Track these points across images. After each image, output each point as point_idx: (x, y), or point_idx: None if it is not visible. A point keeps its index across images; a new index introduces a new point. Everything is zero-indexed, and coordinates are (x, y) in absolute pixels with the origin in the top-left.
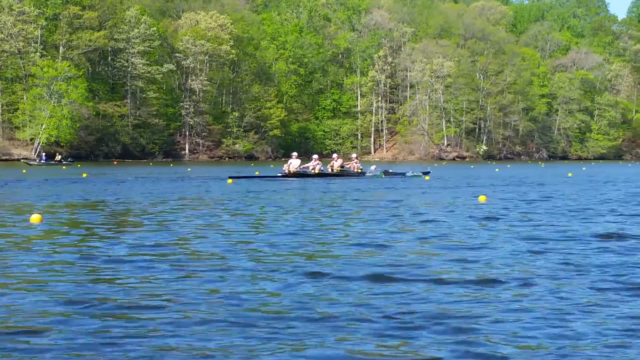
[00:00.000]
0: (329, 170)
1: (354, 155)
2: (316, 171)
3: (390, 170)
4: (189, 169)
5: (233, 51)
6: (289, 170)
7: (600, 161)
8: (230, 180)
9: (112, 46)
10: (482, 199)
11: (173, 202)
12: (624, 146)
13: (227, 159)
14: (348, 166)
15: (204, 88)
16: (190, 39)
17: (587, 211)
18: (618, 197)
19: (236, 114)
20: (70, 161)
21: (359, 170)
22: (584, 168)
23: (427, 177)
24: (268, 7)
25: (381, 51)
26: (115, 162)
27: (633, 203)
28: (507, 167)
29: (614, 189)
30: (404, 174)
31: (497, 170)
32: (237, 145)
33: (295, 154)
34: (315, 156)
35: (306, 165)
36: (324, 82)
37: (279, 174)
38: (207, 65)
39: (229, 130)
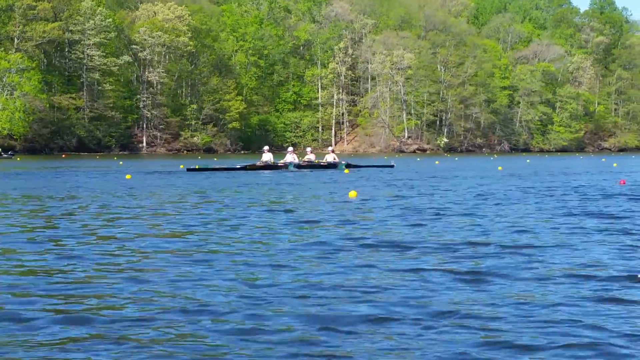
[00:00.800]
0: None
1: (330, 148)
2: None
3: (352, 164)
4: (120, 163)
5: (191, 43)
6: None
7: (559, 154)
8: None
9: (68, 38)
10: (352, 194)
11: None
12: (586, 138)
13: (185, 151)
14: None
15: (162, 80)
16: (147, 30)
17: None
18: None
19: (194, 106)
20: (10, 154)
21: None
22: (527, 161)
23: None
24: None
25: (341, 43)
26: (63, 156)
27: (489, 200)
28: (454, 160)
29: (513, 184)
30: (367, 167)
31: (436, 162)
32: (195, 138)
33: (266, 147)
34: (290, 149)
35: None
36: (285, 75)
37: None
38: (165, 57)
39: (187, 122)
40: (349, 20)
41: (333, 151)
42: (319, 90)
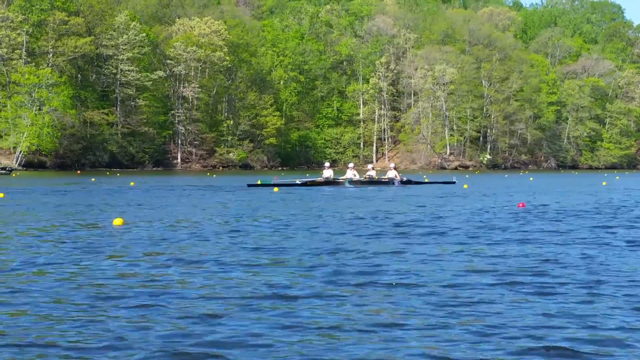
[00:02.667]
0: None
1: (392, 164)
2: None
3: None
4: (132, 183)
5: (228, 58)
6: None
7: (613, 171)
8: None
9: (101, 53)
10: (117, 222)
11: None
12: (639, 155)
13: (221, 168)
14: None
15: (197, 95)
16: (181, 45)
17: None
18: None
19: (230, 122)
20: (8, 170)
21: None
22: (527, 179)
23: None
24: (274, 13)
25: (383, 58)
26: (78, 172)
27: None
28: (468, 176)
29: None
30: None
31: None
32: (231, 154)
33: (327, 164)
34: (351, 165)
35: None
36: (326, 90)
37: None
38: (201, 72)
39: (223, 138)
40: (392, 35)
41: (396, 168)
42: (361, 105)
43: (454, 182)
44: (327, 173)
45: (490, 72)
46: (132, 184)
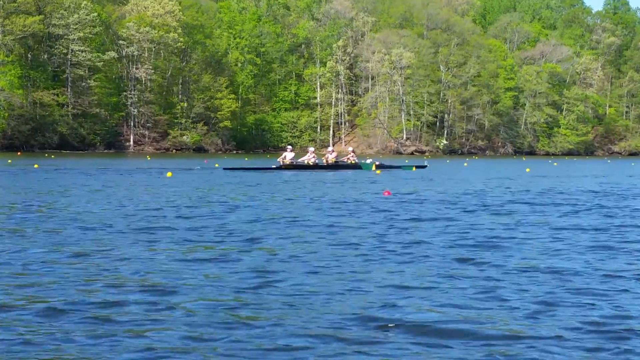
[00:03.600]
0: (324, 162)
1: (350, 148)
2: (311, 163)
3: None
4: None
5: (182, 39)
6: (283, 162)
7: (567, 157)
8: (170, 174)
9: (51, 32)
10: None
11: None
12: (596, 142)
13: (174, 150)
14: (344, 159)
15: (150, 77)
16: (134, 25)
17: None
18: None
19: (184, 104)
20: None
21: (354, 162)
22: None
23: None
24: None
25: (340, 41)
26: (19, 154)
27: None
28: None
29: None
30: (399, 167)
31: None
32: (185, 137)
33: (289, 147)
34: (311, 149)
35: (302, 158)
36: (283, 73)
37: (273, 166)
38: (154, 53)
39: (176, 121)
40: (350, 18)
41: (354, 151)
42: (318, 89)
43: (425, 167)
44: (290, 156)
45: (448, 56)
46: (35, 166)
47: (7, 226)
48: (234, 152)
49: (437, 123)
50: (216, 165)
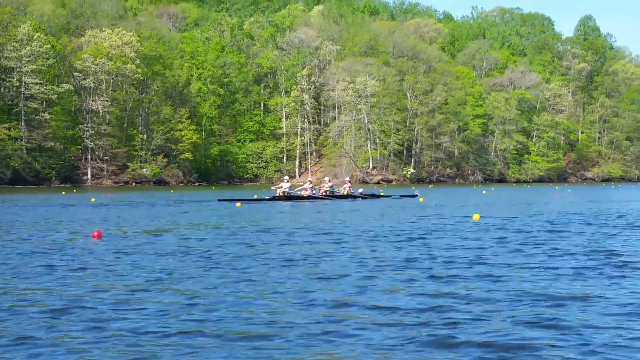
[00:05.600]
0: (320, 193)
1: (347, 178)
2: (305, 194)
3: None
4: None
5: (140, 70)
6: (280, 193)
7: (536, 184)
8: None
9: (3, 64)
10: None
11: None
12: (569, 168)
13: (133, 183)
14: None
15: (107, 109)
16: (90, 57)
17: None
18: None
19: (144, 136)
20: None
21: (348, 193)
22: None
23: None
24: (198, 26)
25: (305, 70)
26: None
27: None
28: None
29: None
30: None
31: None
32: (144, 170)
33: (286, 177)
34: (309, 179)
35: (298, 189)
36: (247, 103)
37: (267, 197)
38: (111, 85)
39: (135, 153)
40: (314, 47)
41: (349, 182)
42: (283, 119)
43: (416, 196)
44: (287, 186)
45: (414, 84)
46: None
47: None
48: (196, 184)
49: (404, 151)
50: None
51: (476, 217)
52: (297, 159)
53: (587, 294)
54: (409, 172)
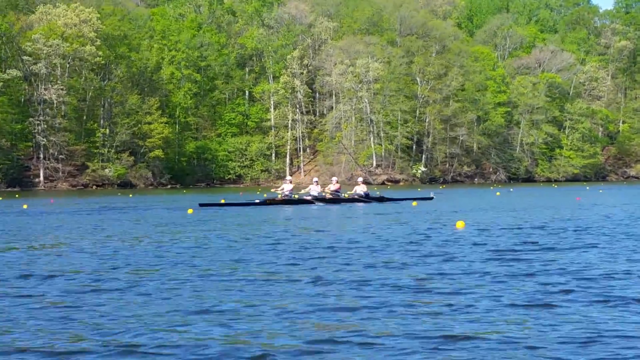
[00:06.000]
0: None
1: (360, 179)
2: (308, 197)
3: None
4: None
5: (101, 53)
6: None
7: (569, 183)
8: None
9: None
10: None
11: None
12: (608, 164)
13: (94, 187)
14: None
15: (63, 99)
16: (42, 38)
17: None
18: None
19: (106, 131)
20: None
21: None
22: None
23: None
24: (170, 0)
25: (296, 51)
26: None
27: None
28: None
29: None
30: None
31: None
32: (106, 170)
33: (289, 177)
34: (315, 179)
35: (304, 190)
36: (228, 91)
37: (257, 201)
38: (67, 71)
39: (96, 151)
40: (307, 24)
41: (364, 182)
42: (272, 109)
43: (431, 198)
44: (288, 188)
45: (425, 67)
46: None
47: None
48: (169, 186)
49: (414, 146)
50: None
51: (460, 225)
52: (288, 156)
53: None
54: (420, 171)
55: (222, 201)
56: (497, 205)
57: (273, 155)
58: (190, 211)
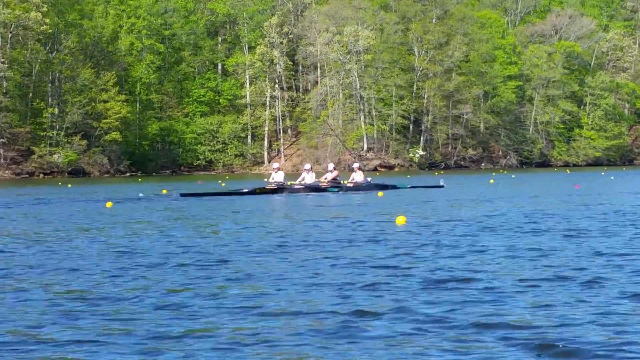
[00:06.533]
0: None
1: (356, 164)
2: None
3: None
4: None
5: (48, 20)
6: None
7: (589, 168)
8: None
9: None
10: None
11: None
12: (636, 146)
13: (41, 175)
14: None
15: (4, 74)
16: None
17: None
18: None
19: (54, 110)
20: None
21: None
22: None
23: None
24: None
25: (274, 18)
26: None
27: None
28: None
29: None
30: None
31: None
32: (55, 156)
33: (276, 164)
34: (307, 166)
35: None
36: (197, 64)
37: (245, 190)
38: (9, 41)
39: (43, 134)
40: None
41: (360, 168)
42: (247, 84)
43: (442, 187)
44: (278, 176)
45: (423, 35)
46: None
47: None
48: (128, 174)
49: (411, 127)
50: None
51: (400, 221)
52: (266, 138)
53: None
54: (417, 155)
55: (164, 192)
56: (481, 195)
57: (249, 137)
58: (109, 204)
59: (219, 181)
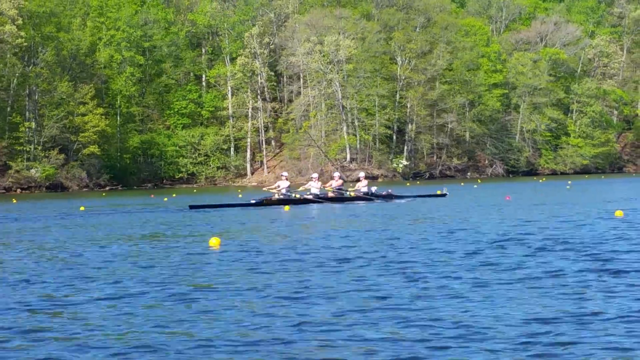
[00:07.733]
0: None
1: (362, 173)
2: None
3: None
4: None
5: (23, 34)
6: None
7: (577, 176)
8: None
9: None
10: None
11: None
12: (625, 153)
13: (18, 190)
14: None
15: None
16: None
17: None
18: None
19: (31, 124)
20: None
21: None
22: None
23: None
24: None
25: (255, 28)
26: None
27: None
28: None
29: None
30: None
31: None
32: (32, 171)
33: (284, 173)
34: (314, 175)
35: (305, 186)
36: (178, 76)
37: (253, 201)
38: None
39: (20, 148)
40: None
41: (365, 177)
42: (229, 95)
43: (444, 195)
44: (284, 185)
45: (406, 44)
46: None
47: None
48: (107, 188)
49: (394, 137)
50: None
51: (214, 243)
52: (249, 150)
53: None
54: (401, 165)
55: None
56: (412, 211)
57: (232, 149)
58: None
59: (238, 191)
